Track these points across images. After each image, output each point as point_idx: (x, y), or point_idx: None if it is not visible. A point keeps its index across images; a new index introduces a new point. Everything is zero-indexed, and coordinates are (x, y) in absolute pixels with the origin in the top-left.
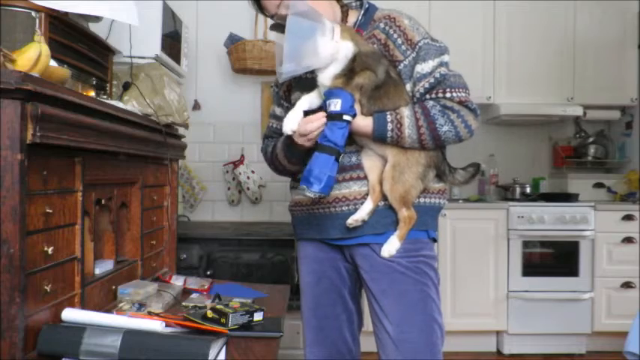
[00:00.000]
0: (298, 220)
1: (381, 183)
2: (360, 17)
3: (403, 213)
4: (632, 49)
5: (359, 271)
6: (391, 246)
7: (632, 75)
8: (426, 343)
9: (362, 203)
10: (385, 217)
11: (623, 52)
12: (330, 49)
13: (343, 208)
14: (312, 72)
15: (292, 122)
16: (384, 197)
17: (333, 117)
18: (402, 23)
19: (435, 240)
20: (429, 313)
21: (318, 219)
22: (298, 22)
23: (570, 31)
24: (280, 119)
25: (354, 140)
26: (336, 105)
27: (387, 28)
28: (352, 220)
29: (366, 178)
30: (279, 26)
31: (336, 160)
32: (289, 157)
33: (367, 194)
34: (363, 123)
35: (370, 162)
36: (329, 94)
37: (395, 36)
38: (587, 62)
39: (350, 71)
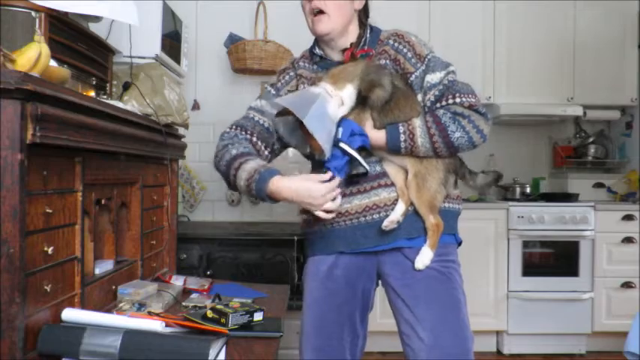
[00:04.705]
0: (316, 238)
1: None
2: (367, 36)
3: (431, 220)
4: (632, 49)
5: (388, 280)
6: (425, 257)
7: (632, 75)
8: (461, 350)
9: (392, 209)
10: (417, 222)
11: (623, 52)
12: (337, 107)
13: (374, 216)
14: None
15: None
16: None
17: (335, 143)
18: (410, 39)
19: (460, 244)
20: (462, 319)
21: (345, 231)
22: (315, 115)
23: (570, 31)
24: (265, 114)
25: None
26: (338, 133)
27: (396, 44)
28: (388, 222)
29: (392, 184)
30: (284, 112)
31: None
32: (248, 193)
33: (397, 199)
34: (377, 135)
35: (394, 169)
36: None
37: (405, 50)
38: (587, 62)
39: (362, 99)
